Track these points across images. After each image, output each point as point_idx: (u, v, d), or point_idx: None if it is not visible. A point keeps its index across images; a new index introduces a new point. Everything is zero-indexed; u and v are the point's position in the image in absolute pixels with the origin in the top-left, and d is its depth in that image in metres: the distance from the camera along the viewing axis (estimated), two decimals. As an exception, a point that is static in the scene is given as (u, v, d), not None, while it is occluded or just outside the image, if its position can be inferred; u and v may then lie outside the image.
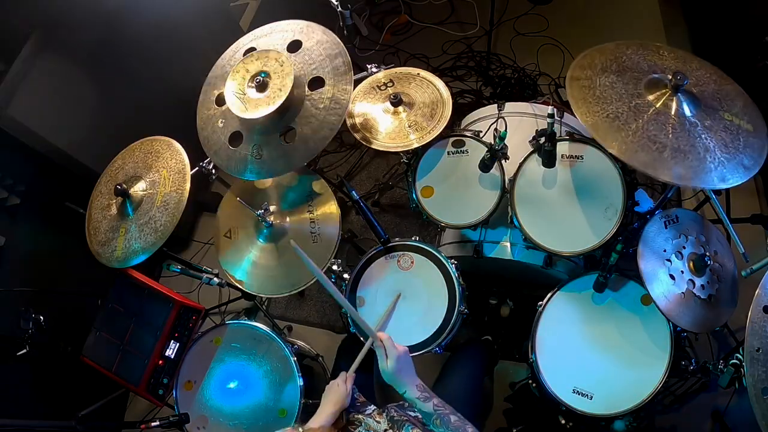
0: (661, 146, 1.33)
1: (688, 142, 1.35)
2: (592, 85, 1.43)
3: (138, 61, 2.49)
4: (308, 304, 2.71)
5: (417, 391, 1.32)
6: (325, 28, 1.76)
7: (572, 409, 1.57)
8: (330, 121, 1.64)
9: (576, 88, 1.43)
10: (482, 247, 1.94)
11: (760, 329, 1.26)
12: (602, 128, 1.37)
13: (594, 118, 1.39)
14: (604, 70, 1.46)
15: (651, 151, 1.34)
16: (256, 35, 1.86)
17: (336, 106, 1.64)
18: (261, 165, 1.70)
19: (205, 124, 1.82)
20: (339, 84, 1.66)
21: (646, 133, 1.35)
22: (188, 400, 1.79)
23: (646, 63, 1.48)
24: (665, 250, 1.54)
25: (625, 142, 1.35)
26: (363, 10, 3.49)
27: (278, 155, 1.69)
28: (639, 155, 1.33)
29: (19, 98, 2.07)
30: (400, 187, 2.80)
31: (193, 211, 3.10)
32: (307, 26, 1.78)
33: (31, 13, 2.14)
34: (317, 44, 1.73)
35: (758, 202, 2.41)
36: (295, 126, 1.67)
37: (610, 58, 1.49)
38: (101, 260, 1.77)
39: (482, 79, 3.07)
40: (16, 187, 2.18)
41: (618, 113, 1.39)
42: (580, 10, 3.12)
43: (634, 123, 1.37)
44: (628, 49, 1.51)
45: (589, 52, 1.51)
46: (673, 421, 2.08)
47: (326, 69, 1.69)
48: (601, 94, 1.42)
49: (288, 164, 1.68)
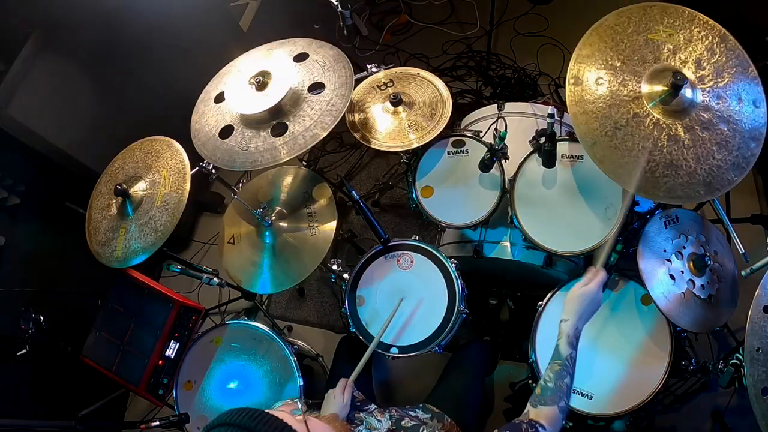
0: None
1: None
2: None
3: (138, 61, 2.49)
4: (308, 304, 2.71)
5: (572, 331, 1.19)
6: (332, 45, 1.80)
7: (572, 409, 1.57)
8: (324, 121, 1.64)
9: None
10: (482, 247, 1.94)
11: (760, 329, 1.26)
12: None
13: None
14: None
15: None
16: (263, 50, 1.89)
17: (332, 109, 1.64)
18: (246, 156, 1.68)
19: (199, 117, 1.83)
20: (338, 90, 1.66)
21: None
22: (188, 400, 1.79)
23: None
24: (665, 250, 1.54)
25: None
26: (363, 10, 3.49)
27: (265, 148, 1.68)
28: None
29: (19, 98, 2.07)
30: (400, 187, 2.80)
31: (193, 211, 3.10)
32: (315, 43, 1.82)
33: (31, 13, 2.14)
34: (323, 57, 1.75)
35: (758, 202, 2.41)
36: (289, 123, 1.67)
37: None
38: (101, 260, 1.77)
39: (482, 79, 3.07)
40: (16, 187, 2.18)
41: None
42: (580, 10, 3.12)
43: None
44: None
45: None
46: (673, 421, 2.08)
47: (329, 77, 1.71)
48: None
49: (273, 158, 1.66)
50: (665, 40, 1.48)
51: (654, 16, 1.50)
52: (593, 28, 1.51)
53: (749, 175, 1.43)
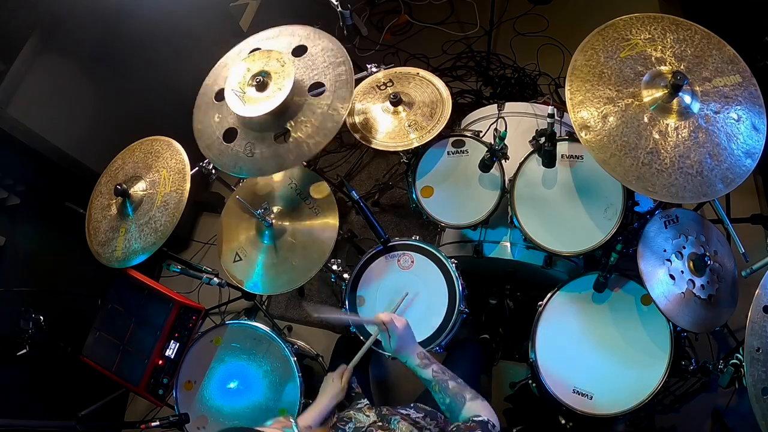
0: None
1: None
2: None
3: (138, 61, 2.49)
4: (308, 304, 2.71)
5: (417, 359, 1.35)
6: (331, 37, 1.75)
7: (572, 409, 1.57)
8: (326, 127, 1.63)
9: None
10: (482, 247, 1.94)
11: (760, 329, 1.26)
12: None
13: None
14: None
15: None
16: (262, 38, 1.84)
17: (334, 113, 1.64)
18: (252, 163, 1.68)
19: (203, 116, 1.80)
20: (339, 90, 1.65)
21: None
22: (188, 400, 1.79)
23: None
24: (665, 250, 1.54)
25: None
26: (363, 10, 3.49)
27: (270, 155, 1.67)
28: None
29: (19, 98, 2.07)
30: (400, 187, 2.80)
31: (193, 211, 3.10)
32: (314, 32, 1.77)
33: (31, 13, 2.14)
34: (322, 51, 1.73)
35: (758, 202, 2.41)
36: (291, 129, 1.66)
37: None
38: (101, 260, 1.77)
39: (482, 79, 3.07)
40: (16, 187, 2.18)
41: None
42: (580, 10, 3.12)
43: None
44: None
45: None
46: (673, 421, 2.08)
47: (328, 75, 1.68)
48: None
49: (279, 165, 1.66)
50: (638, 51, 1.47)
51: (610, 37, 1.49)
52: (570, 73, 1.47)
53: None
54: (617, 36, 1.50)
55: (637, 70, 1.46)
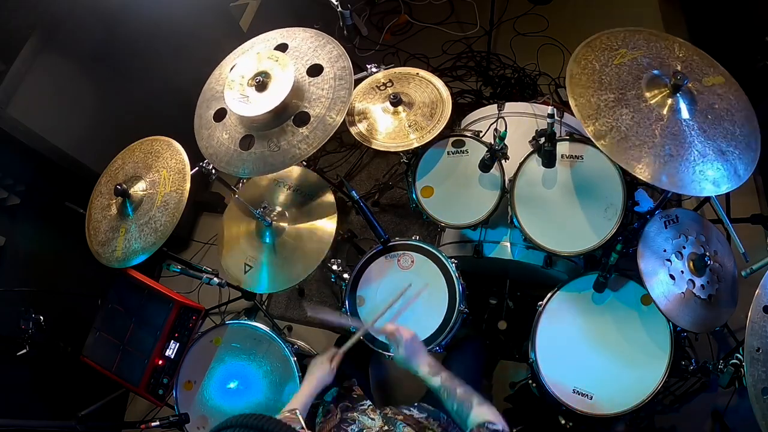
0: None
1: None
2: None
3: (138, 61, 2.49)
4: (308, 304, 2.71)
5: (426, 367, 1.37)
6: (306, 29, 1.77)
7: (572, 409, 1.57)
8: (340, 96, 1.63)
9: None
10: (482, 247, 1.94)
11: (760, 329, 1.26)
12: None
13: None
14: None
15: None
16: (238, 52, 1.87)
17: (342, 82, 1.63)
18: (283, 155, 1.65)
19: (209, 136, 1.80)
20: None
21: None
22: (188, 400, 1.79)
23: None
24: (665, 250, 1.54)
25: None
26: (363, 10, 3.49)
27: (298, 140, 1.65)
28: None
29: (19, 98, 2.07)
30: (400, 187, 2.80)
31: (193, 211, 3.10)
32: (287, 31, 1.79)
33: (31, 13, 2.14)
34: (303, 41, 1.75)
35: (758, 202, 2.40)
36: (307, 110, 1.65)
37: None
38: (101, 260, 1.77)
39: (482, 79, 3.07)
40: (16, 187, 2.18)
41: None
42: (580, 10, 3.12)
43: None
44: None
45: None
46: (673, 421, 2.08)
47: (320, 55, 1.69)
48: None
49: (310, 145, 1.63)
50: (629, 59, 1.49)
51: (599, 48, 1.51)
52: (569, 85, 1.48)
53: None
54: (605, 47, 1.52)
55: (634, 74, 1.47)
